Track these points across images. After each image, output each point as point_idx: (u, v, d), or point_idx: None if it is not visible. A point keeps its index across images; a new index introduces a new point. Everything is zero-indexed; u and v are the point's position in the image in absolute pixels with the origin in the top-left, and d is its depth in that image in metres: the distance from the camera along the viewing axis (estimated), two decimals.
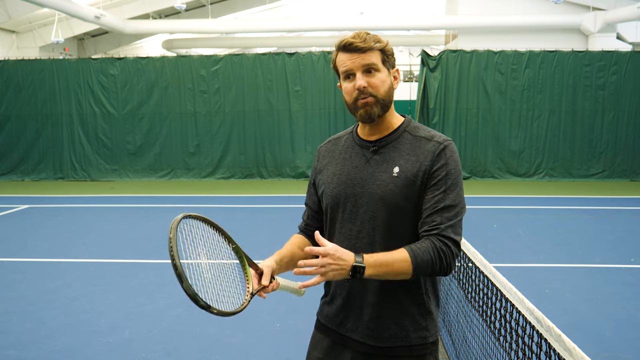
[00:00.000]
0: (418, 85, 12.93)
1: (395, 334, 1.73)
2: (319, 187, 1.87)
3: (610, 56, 12.22)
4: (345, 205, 1.76)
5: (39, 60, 13.04)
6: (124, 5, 19.63)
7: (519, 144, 12.53)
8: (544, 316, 1.93)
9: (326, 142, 1.94)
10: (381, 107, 1.71)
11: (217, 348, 4.08)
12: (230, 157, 12.85)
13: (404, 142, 1.75)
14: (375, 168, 1.74)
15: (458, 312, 3.54)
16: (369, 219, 1.72)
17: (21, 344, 4.16)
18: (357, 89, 1.68)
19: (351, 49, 1.68)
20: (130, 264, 6.29)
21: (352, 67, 1.68)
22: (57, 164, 13.03)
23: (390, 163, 1.72)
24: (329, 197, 1.80)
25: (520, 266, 6.09)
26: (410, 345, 1.74)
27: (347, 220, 1.76)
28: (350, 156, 1.80)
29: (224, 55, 12.98)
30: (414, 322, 1.74)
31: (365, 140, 1.79)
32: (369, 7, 28.59)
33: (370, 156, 1.76)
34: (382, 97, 1.70)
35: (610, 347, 4.06)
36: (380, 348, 1.74)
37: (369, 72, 1.69)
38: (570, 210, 9.39)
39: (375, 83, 1.69)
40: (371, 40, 1.68)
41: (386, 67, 1.72)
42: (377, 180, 1.71)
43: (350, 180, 1.76)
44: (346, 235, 1.76)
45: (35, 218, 8.85)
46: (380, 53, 1.70)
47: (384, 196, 1.69)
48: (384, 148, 1.75)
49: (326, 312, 1.88)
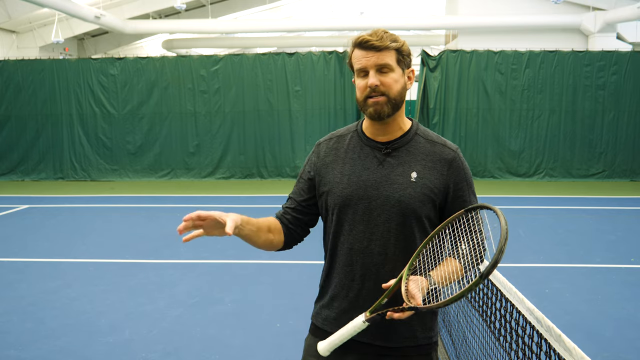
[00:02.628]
0: (418, 85, 12.93)
1: (404, 334, 1.75)
2: (321, 185, 1.82)
3: (610, 56, 12.22)
4: (357, 206, 1.74)
5: (39, 60, 13.04)
6: (124, 5, 19.63)
7: (519, 144, 12.53)
8: (544, 316, 1.93)
9: (327, 139, 1.89)
10: (392, 106, 1.70)
11: (217, 348, 4.08)
12: (230, 157, 12.85)
13: (417, 146, 1.76)
14: (391, 171, 1.73)
15: (458, 312, 3.54)
16: (384, 222, 1.72)
17: (21, 344, 4.16)
18: (369, 87, 1.68)
19: (367, 47, 1.67)
20: (130, 264, 6.29)
21: (367, 64, 1.68)
22: (57, 164, 13.03)
23: (407, 167, 1.73)
24: (339, 197, 1.76)
25: (520, 266, 6.09)
26: (417, 346, 1.77)
27: (359, 222, 1.74)
28: (359, 156, 1.78)
29: (224, 55, 12.98)
30: (421, 323, 1.77)
31: (375, 141, 1.77)
32: (369, 7, 28.58)
33: (383, 158, 1.75)
34: (394, 96, 1.69)
35: (610, 347, 4.06)
36: (389, 348, 1.75)
37: (383, 71, 1.68)
38: (570, 210, 9.39)
39: (388, 82, 1.68)
40: (388, 39, 1.68)
41: (400, 67, 1.71)
42: (394, 184, 1.71)
43: (362, 182, 1.74)
44: (358, 237, 1.74)
45: (35, 218, 8.85)
46: (395, 53, 1.69)
47: (402, 200, 1.70)
48: (397, 151, 1.75)
49: (325, 315, 1.84)
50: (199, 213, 1.58)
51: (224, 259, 6.42)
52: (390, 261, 1.73)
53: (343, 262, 1.78)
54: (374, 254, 1.73)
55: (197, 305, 4.97)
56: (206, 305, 4.97)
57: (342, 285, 1.78)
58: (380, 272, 1.73)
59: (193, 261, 6.35)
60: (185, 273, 5.91)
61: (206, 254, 6.62)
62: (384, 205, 1.71)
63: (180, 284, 5.55)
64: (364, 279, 1.74)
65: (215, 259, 6.43)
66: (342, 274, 1.78)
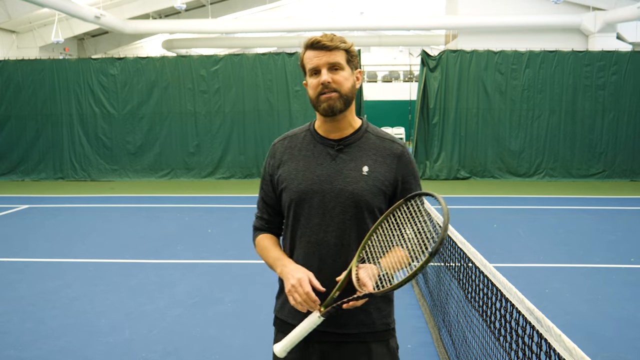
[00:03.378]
0: (418, 85, 12.92)
1: (362, 321, 1.84)
2: (279, 183, 1.91)
3: (610, 56, 12.22)
4: (312, 200, 1.83)
5: (39, 60, 13.04)
6: (124, 5, 19.63)
7: (519, 144, 12.53)
8: (544, 316, 1.93)
9: (281, 139, 1.99)
10: (344, 102, 1.80)
11: (217, 348, 4.08)
12: (230, 157, 12.85)
13: (367, 142, 1.88)
14: (343, 166, 1.84)
15: (458, 312, 3.54)
16: (338, 214, 1.82)
17: (21, 344, 4.16)
18: (322, 84, 1.77)
19: (319, 47, 1.78)
20: (130, 264, 6.29)
21: (319, 63, 1.78)
22: (57, 164, 13.03)
23: (359, 162, 1.84)
24: (294, 192, 1.86)
25: (520, 266, 6.09)
26: (375, 332, 1.86)
27: (315, 215, 1.84)
28: (312, 153, 1.88)
29: (224, 55, 12.98)
30: (378, 310, 1.87)
31: (327, 139, 1.88)
32: (369, 7, 28.58)
33: (336, 154, 1.85)
34: (345, 93, 1.80)
35: (610, 347, 4.06)
36: (347, 335, 1.84)
37: (334, 69, 1.79)
38: (570, 210, 9.39)
39: (339, 80, 1.79)
40: (337, 40, 1.80)
41: (350, 67, 1.82)
42: (347, 178, 1.82)
43: (317, 177, 1.84)
44: (314, 230, 1.84)
45: (35, 218, 8.86)
46: (345, 53, 1.80)
47: (355, 192, 1.81)
48: (349, 147, 1.86)
49: (288, 307, 1.88)
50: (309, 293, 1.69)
51: (224, 259, 6.42)
52: (345, 251, 1.82)
53: (301, 254, 1.87)
54: (330, 245, 1.82)
55: (197, 305, 4.97)
56: (206, 305, 4.97)
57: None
58: (337, 262, 1.81)
59: (193, 261, 6.35)
60: (185, 273, 5.91)
61: (206, 254, 6.62)
62: (338, 198, 1.81)
63: (180, 284, 5.55)
64: (321, 269, 1.82)
65: (215, 259, 6.43)
66: (301, 266, 1.84)
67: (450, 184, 12.06)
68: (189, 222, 8.52)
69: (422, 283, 5.18)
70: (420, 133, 12.66)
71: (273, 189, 1.95)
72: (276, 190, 1.94)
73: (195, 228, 8.07)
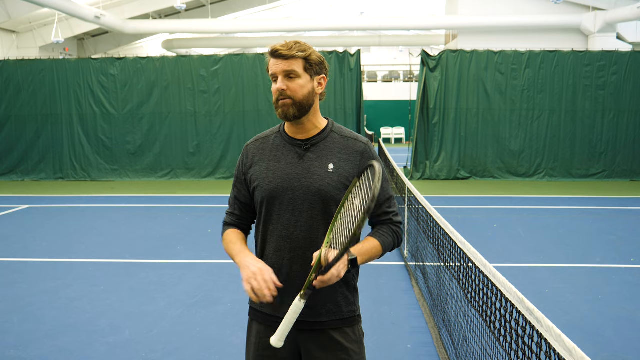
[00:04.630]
0: (418, 85, 12.92)
1: (331, 309, 1.97)
2: (252, 182, 2.03)
3: (610, 56, 12.22)
4: (283, 197, 1.95)
5: (39, 60, 13.04)
6: (124, 5, 19.64)
7: (519, 144, 12.53)
8: (544, 316, 1.93)
9: (254, 141, 2.10)
10: (297, 108, 1.90)
11: (217, 348, 4.08)
12: (230, 157, 12.84)
13: (332, 142, 1.99)
14: (310, 164, 1.95)
15: (458, 312, 3.54)
16: (307, 209, 1.93)
17: (21, 344, 4.16)
18: (278, 91, 1.89)
19: (277, 55, 1.88)
20: (130, 264, 6.29)
21: (276, 71, 1.89)
22: (57, 164, 13.03)
23: (324, 160, 1.95)
24: (265, 190, 1.97)
25: (520, 266, 6.09)
26: (343, 319, 1.99)
27: (285, 211, 1.95)
28: (282, 153, 1.99)
29: (224, 55, 12.98)
30: (345, 298, 2.00)
31: (295, 139, 1.99)
32: (369, 7, 28.58)
33: (304, 154, 1.97)
34: (299, 100, 1.90)
35: (610, 347, 4.06)
36: (319, 323, 1.96)
37: (290, 77, 1.88)
38: (570, 210, 9.39)
39: (293, 87, 1.89)
40: (295, 49, 1.87)
41: (308, 74, 1.91)
42: (314, 175, 1.93)
43: (286, 175, 1.95)
44: (285, 225, 1.95)
45: (35, 218, 8.86)
46: (303, 61, 1.89)
47: (322, 189, 1.92)
48: (315, 147, 1.98)
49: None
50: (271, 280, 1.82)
51: (224, 259, 6.42)
52: (315, 244, 1.93)
53: (273, 249, 1.98)
54: (300, 239, 1.94)
55: (197, 305, 4.97)
56: (206, 305, 4.97)
57: (273, 269, 1.91)
58: (307, 254, 1.92)
59: (193, 261, 6.36)
60: (185, 273, 5.91)
61: (206, 254, 6.62)
62: (306, 194, 1.93)
63: (180, 284, 5.55)
64: (292, 262, 1.94)
65: (215, 259, 6.43)
66: (273, 259, 1.97)
67: (450, 184, 12.06)
68: (189, 222, 8.52)
69: (422, 283, 5.18)
70: (420, 133, 12.66)
71: (247, 187, 2.07)
72: (249, 188, 2.06)
73: (195, 228, 8.08)
